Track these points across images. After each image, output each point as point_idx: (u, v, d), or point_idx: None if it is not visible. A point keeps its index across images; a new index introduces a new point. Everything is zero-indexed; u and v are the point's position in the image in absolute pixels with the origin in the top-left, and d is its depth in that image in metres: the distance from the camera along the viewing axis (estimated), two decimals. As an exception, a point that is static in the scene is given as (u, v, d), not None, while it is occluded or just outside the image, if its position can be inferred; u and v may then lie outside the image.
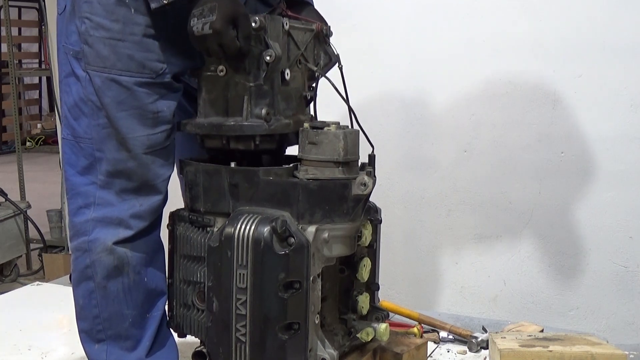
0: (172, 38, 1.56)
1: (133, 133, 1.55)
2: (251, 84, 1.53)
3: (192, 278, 1.63)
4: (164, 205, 1.67)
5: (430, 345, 2.15)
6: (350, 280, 1.71)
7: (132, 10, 1.51)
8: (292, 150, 1.65)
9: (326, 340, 1.53)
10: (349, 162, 1.54)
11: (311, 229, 1.49)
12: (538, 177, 2.38)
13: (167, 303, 1.72)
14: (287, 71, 1.58)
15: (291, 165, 1.58)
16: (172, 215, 1.69)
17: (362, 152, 1.60)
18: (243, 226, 1.47)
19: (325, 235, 1.51)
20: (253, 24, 1.49)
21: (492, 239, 2.47)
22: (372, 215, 1.70)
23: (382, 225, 1.74)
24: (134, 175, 1.58)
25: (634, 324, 2.32)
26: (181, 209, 1.71)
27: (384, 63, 2.55)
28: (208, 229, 1.59)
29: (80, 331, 1.68)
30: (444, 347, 2.23)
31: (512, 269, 2.45)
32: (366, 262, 1.68)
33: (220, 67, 1.55)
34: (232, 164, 1.65)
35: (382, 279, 1.79)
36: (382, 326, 1.71)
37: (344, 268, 1.70)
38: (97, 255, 1.60)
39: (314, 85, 1.73)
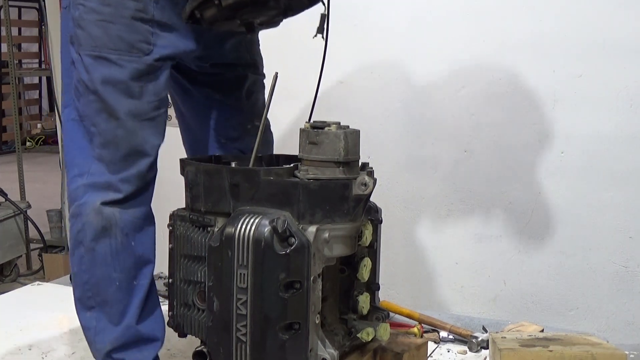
0: (161, 23, 1.65)
1: (120, 104, 1.64)
2: None
3: (193, 278, 1.63)
4: (154, 174, 1.73)
5: (431, 345, 2.15)
6: (350, 280, 1.71)
7: None
8: (293, 150, 1.65)
9: (326, 340, 1.53)
10: (349, 162, 1.54)
11: (312, 229, 1.49)
12: (538, 177, 2.38)
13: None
14: None
15: (292, 165, 1.59)
16: (173, 215, 1.69)
17: (362, 151, 1.60)
18: (244, 226, 1.47)
19: (326, 235, 1.51)
20: None
21: (492, 239, 2.47)
22: (373, 215, 1.70)
23: (382, 225, 1.75)
24: (122, 141, 1.65)
25: (634, 324, 2.32)
26: (181, 208, 1.71)
27: (384, 63, 2.55)
28: (209, 228, 1.59)
29: (75, 300, 1.74)
30: (444, 347, 2.23)
31: (512, 269, 2.45)
32: (367, 262, 1.68)
33: None
34: (233, 164, 1.66)
35: (383, 279, 1.79)
36: (383, 326, 1.71)
37: (344, 268, 1.70)
38: (86, 218, 1.66)
39: None
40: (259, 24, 1.70)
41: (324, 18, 1.70)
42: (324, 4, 1.70)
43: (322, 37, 1.72)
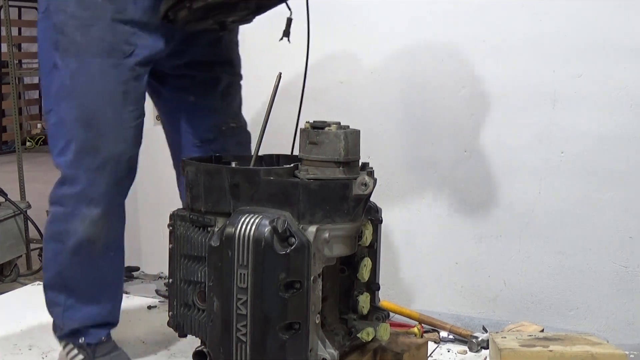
0: (141, 24, 1.67)
1: (103, 112, 1.67)
2: None
3: (193, 278, 1.63)
4: (130, 183, 1.79)
5: (431, 345, 2.15)
6: (350, 280, 1.71)
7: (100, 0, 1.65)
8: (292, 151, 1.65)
9: (327, 340, 1.53)
10: (349, 162, 1.54)
11: (312, 228, 1.49)
12: (538, 177, 2.38)
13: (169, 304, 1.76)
14: None
15: (292, 165, 1.59)
16: (173, 215, 1.69)
17: (362, 151, 1.60)
18: (244, 226, 1.47)
19: (326, 235, 1.51)
20: None
21: (492, 239, 2.47)
22: (373, 215, 1.70)
23: (382, 225, 1.74)
24: (101, 151, 1.69)
25: (634, 324, 2.32)
26: (181, 208, 1.71)
27: (384, 63, 2.55)
28: (209, 228, 1.59)
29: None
30: (445, 347, 2.23)
31: (512, 269, 2.45)
32: (367, 262, 1.68)
33: None
34: (233, 164, 1.66)
35: (383, 279, 1.79)
36: (383, 326, 1.71)
37: (344, 268, 1.70)
38: (72, 227, 1.74)
39: None
40: (232, 22, 1.74)
41: (290, 22, 1.74)
42: (288, 8, 1.72)
43: (288, 40, 1.74)
